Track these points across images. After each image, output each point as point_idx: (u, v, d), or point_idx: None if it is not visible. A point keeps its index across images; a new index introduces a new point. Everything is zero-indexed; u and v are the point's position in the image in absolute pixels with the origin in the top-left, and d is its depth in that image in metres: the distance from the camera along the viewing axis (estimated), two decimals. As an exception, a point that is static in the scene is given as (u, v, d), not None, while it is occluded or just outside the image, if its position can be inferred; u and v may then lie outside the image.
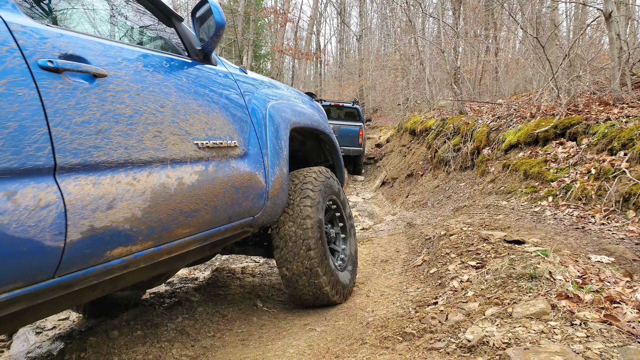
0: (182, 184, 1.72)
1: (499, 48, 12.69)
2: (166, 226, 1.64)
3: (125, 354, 2.36)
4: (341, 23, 27.12)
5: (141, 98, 1.62)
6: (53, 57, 1.35)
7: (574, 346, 1.62)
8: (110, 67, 1.54)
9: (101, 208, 1.38)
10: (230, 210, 2.02)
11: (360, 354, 2.06)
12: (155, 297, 3.57)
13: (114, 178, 1.44)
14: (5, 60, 1.20)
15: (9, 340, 2.92)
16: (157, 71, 1.77)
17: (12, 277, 1.17)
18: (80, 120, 1.37)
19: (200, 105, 1.95)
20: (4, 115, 1.15)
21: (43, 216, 1.21)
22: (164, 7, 2.08)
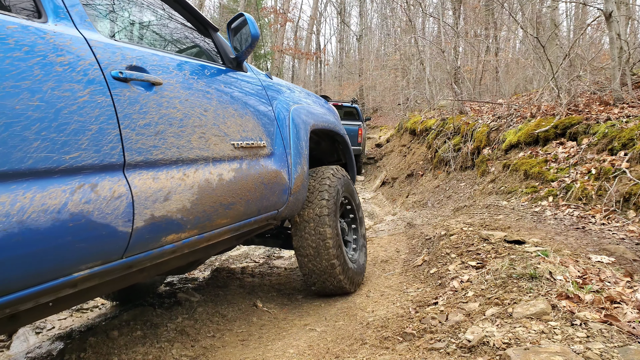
0: (222, 180, 1.94)
1: (499, 48, 12.68)
2: (209, 217, 1.86)
3: (125, 354, 2.36)
4: (341, 23, 27.12)
5: (189, 103, 1.84)
6: (122, 69, 1.57)
7: (575, 346, 1.62)
8: (164, 76, 1.76)
9: (159, 199, 1.59)
10: (259, 204, 2.25)
11: (360, 354, 2.06)
12: (155, 297, 3.57)
13: (169, 174, 1.66)
14: (88, 73, 1.42)
15: (9, 340, 2.92)
16: (200, 78, 2.00)
17: (94, 256, 1.39)
18: (143, 123, 1.58)
19: (236, 109, 2.17)
20: (89, 120, 1.38)
21: (117, 205, 1.42)
22: (202, 19, 2.31)
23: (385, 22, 22.48)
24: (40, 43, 1.32)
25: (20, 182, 1.18)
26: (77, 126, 1.34)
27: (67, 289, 1.41)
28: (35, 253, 1.21)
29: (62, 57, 1.37)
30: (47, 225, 1.22)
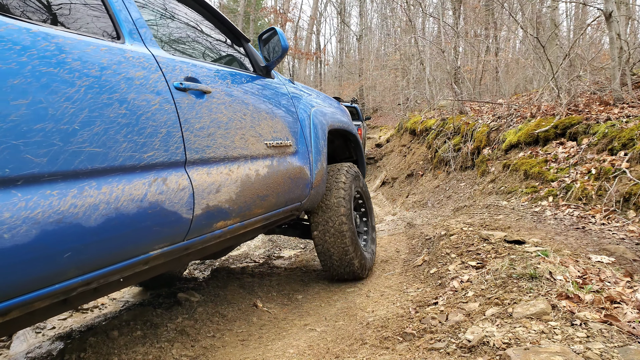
0: (258, 175, 2.22)
1: (499, 48, 12.68)
2: (248, 206, 2.15)
3: (125, 354, 2.36)
4: (341, 23, 27.11)
5: (232, 108, 2.11)
6: (181, 80, 1.83)
7: (575, 346, 1.62)
8: (212, 85, 2.02)
9: (212, 191, 1.86)
10: (286, 196, 2.53)
11: (360, 354, 2.06)
12: (155, 297, 3.57)
13: (218, 169, 1.93)
14: (157, 84, 1.69)
15: (9, 340, 2.92)
16: (239, 86, 2.28)
17: (164, 239, 1.66)
18: (199, 127, 1.85)
19: (267, 113, 2.45)
20: (160, 124, 1.65)
21: (182, 196, 1.68)
22: (236, 31, 2.61)
23: (385, 22, 22.47)
24: (124, 61, 1.59)
25: (115, 176, 1.45)
26: (152, 130, 1.61)
27: (141, 265, 1.64)
28: (125, 234, 1.47)
29: (139, 72, 1.64)
30: (134, 212, 1.48)
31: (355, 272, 3.20)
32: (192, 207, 1.73)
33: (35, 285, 1.26)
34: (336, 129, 3.33)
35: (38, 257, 1.23)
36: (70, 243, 1.30)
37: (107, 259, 1.45)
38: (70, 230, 1.29)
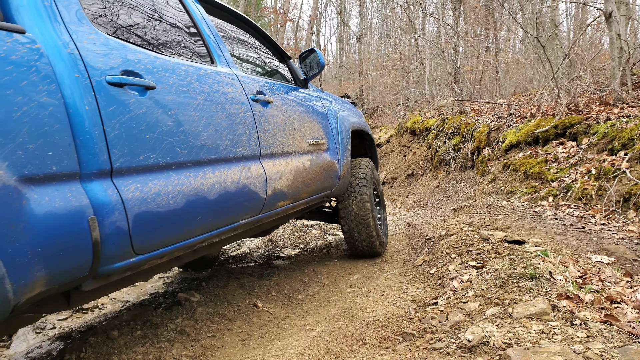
0: (304, 166, 2.80)
1: (499, 48, 12.68)
2: (298, 192, 2.71)
3: (125, 354, 2.36)
4: (341, 23, 27.09)
5: (286, 114, 2.70)
6: (254, 93, 2.40)
7: (575, 346, 1.62)
8: (272, 96, 2.59)
9: (277, 178, 2.42)
10: (322, 185, 3.10)
11: (360, 354, 2.06)
12: (155, 297, 3.57)
13: (279, 162, 2.49)
14: (241, 97, 2.24)
15: (9, 340, 2.92)
16: (289, 96, 2.88)
17: (248, 212, 2.20)
18: (267, 128, 2.41)
19: (308, 117, 3.05)
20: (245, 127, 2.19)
21: (260, 181, 2.23)
22: (282, 51, 3.22)
23: (385, 22, 22.45)
24: (221, 79, 2.14)
25: (222, 164, 2.00)
26: (241, 131, 2.14)
27: (232, 231, 2.17)
28: (229, 206, 2.01)
29: (230, 88, 2.17)
30: (234, 190, 2.02)
31: (375, 249, 3.81)
32: (266, 189, 2.31)
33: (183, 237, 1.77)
34: (356, 129, 3.92)
35: (185, 218, 1.73)
36: (201, 209, 1.80)
37: (218, 223, 1.98)
38: (201, 200, 1.79)
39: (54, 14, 1.40)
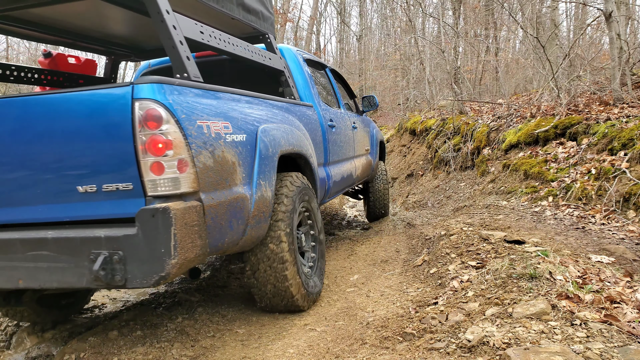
0: (362, 163, 4.89)
1: (499, 48, 12.68)
2: (363, 173, 5.00)
3: (125, 354, 2.36)
4: (341, 23, 27.09)
5: (360, 134, 4.92)
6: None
7: (574, 346, 1.62)
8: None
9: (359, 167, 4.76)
10: (367, 173, 5.18)
11: (360, 354, 2.06)
12: (155, 297, 3.57)
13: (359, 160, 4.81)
14: (349, 125, 4.53)
15: (9, 340, 2.91)
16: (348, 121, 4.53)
17: (353, 181, 4.65)
18: (359, 141, 4.81)
19: (367, 134, 5.27)
20: (352, 143, 4.53)
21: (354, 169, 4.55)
22: (350, 90, 5.30)
23: (385, 22, 22.45)
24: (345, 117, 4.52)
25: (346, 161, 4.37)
26: (352, 145, 4.50)
27: (349, 187, 4.72)
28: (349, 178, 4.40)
29: (348, 121, 4.51)
30: (350, 172, 4.39)
31: (387, 212, 5.98)
32: (356, 172, 4.61)
33: (340, 190, 4.21)
34: (381, 140, 6.01)
35: (340, 187, 4.18)
36: (345, 182, 4.25)
37: (346, 185, 4.39)
38: (343, 177, 4.15)
39: (317, 100, 3.76)
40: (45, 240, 1.83)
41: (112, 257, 1.75)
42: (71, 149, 1.87)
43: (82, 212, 1.92)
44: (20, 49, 15.54)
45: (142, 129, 1.77)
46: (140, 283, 1.76)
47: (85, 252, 1.78)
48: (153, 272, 1.75)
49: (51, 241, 1.82)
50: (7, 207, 1.97)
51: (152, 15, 2.02)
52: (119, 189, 1.86)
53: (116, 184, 1.86)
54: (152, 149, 1.78)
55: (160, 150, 1.78)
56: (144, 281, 1.76)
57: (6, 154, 1.91)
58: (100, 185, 1.88)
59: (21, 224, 1.99)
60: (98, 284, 1.77)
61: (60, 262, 1.82)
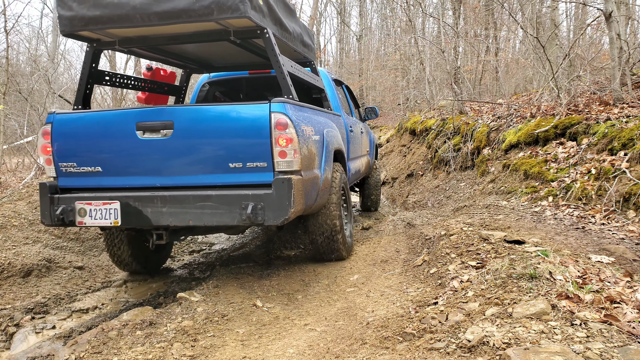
0: (365, 162, 6.03)
1: (499, 48, 12.68)
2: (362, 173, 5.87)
3: (125, 354, 2.36)
4: (341, 23, 27.08)
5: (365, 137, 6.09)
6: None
7: (574, 346, 1.62)
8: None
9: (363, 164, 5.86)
10: (367, 170, 6.23)
11: (360, 354, 2.06)
12: (155, 297, 3.57)
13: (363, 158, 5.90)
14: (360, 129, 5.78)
15: (9, 340, 2.92)
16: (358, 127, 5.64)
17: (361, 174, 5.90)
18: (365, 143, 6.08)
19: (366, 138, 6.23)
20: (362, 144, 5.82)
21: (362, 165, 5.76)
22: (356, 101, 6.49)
23: (385, 22, 22.45)
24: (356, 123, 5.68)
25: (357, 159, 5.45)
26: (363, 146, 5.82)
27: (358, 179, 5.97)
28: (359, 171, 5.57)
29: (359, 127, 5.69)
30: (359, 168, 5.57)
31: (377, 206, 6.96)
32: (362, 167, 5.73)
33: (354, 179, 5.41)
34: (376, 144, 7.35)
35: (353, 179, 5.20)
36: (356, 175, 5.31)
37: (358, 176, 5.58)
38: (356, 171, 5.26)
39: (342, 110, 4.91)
40: (209, 196, 2.98)
41: (257, 206, 2.88)
42: (229, 140, 3.00)
43: (232, 179, 3.03)
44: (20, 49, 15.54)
45: (275, 130, 2.90)
46: (273, 222, 2.89)
47: (238, 203, 2.91)
48: (281, 216, 2.89)
49: (214, 196, 2.97)
50: (184, 175, 3.09)
51: (271, 59, 3.18)
52: (257, 166, 2.97)
53: (256, 163, 2.96)
54: (280, 143, 2.91)
55: (285, 143, 2.92)
56: (275, 221, 2.89)
57: (188, 142, 3.01)
58: (245, 163, 2.98)
59: (192, 186, 3.08)
60: (246, 222, 2.90)
61: (219, 209, 2.95)
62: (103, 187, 3.19)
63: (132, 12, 2.90)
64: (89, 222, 3.11)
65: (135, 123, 3.06)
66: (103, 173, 3.16)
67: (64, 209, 3.10)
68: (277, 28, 3.38)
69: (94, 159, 3.16)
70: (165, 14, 2.89)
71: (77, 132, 3.19)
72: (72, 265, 4.10)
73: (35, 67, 11.45)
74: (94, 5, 2.94)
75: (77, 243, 4.49)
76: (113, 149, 3.13)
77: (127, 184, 3.16)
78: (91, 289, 3.80)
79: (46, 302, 3.40)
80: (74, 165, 3.17)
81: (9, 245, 3.93)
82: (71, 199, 3.13)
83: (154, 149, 3.06)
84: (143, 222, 3.08)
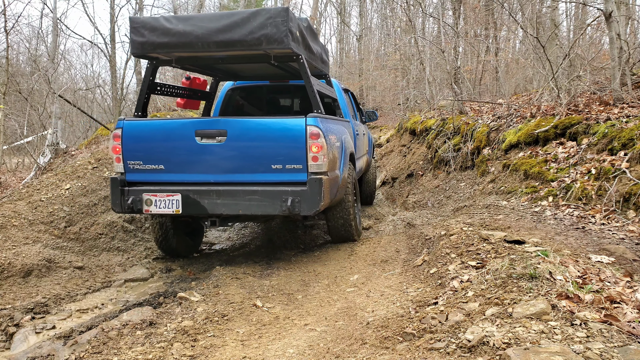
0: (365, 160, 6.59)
1: (499, 48, 12.68)
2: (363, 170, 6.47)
3: (125, 354, 2.36)
4: (341, 23, 27.05)
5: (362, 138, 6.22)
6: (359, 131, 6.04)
7: (574, 346, 1.62)
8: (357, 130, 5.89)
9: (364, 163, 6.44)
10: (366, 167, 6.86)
11: (360, 354, 2.06)
12: (155, 297, 3.57)
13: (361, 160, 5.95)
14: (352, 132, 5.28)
15: (9, 340, 2.92)
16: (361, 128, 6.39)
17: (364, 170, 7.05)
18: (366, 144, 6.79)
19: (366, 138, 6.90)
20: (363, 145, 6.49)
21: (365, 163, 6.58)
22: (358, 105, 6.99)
23: (385, 22, 22.43)
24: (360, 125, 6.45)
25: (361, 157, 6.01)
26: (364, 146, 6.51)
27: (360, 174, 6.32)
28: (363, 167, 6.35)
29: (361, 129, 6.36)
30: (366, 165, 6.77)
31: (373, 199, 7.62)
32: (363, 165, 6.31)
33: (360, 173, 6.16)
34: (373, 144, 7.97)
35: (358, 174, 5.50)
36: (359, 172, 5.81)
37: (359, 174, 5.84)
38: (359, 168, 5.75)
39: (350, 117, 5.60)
40: (256, 191, 3.64)
41: (295, 199, 3.56)
42: (272, 146, 3.66)
43: (274, 178, 3.69)
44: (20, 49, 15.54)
45: (309, 139, 3.58)
46: (307, 213, 3.61)
47: (279, 197, 3.58)
48: (313, 208, 3.59)
49: (259, 191, 3.63)
50: (235, 173, 3.74)
51: (304, 80, 3.89)
52: (294, 167, 3.63)
53: (293, 165, 3.62)
54: (313, 150, 3.59)
55: (317, 150, 3.60)
56: (309, 212, 3.60)
57: (239, 147, 3.67)
58: (285, 165, 3.64)
59: (241, 182, 3.72)
60: (285, 212, 3.57)
61: (264, 202, 3.61)
62: (165, 182, 3.81)
63: (195, 41, 3.55)
64: (154, 211, 3.74)
65: (194, 130, 3.71)
66: (165, 170, 3.79)
67: (133, 199, 3.72)
68: (307, 52, 4.00)
69: (158, 159, 3.79)
70: (223, 43, 3.55)
71: (143, 136, 3.83)
72: (72, 265, 4.10)
73: (35, 67, 11.45)
74: (163, 34, 3.60)
75: (77, 243, 4.48)
76: (175, 151, 3.78)
77: (186, 180, 3.78)
78: (91, 289, 3.80)
79: (46, 302, 3.40)
80: (140, 164, 3.80)
81: (9, 245, 3.93)
82: (139, 191, 3.74)
83: (210, 152, 3.71)
84: (200, 211, 3.73)
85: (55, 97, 9.07)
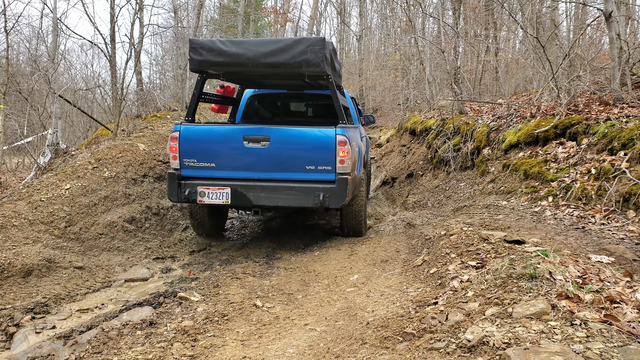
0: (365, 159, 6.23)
1: (499, 48, 12.68)
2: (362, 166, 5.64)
3: (125, 354, 2.36)
4: (341, 23, 27.06)
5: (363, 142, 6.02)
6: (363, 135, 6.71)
7: (574, 346, 1.62)
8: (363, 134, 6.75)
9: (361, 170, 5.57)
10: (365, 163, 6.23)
11: (360, 354, 2.06)
12: (155, 297, 3.57)
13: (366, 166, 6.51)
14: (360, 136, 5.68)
15: (9, 340, 2.92)
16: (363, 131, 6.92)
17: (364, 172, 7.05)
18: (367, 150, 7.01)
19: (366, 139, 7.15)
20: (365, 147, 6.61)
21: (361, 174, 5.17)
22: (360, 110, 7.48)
23: (385, 22, 22.43)
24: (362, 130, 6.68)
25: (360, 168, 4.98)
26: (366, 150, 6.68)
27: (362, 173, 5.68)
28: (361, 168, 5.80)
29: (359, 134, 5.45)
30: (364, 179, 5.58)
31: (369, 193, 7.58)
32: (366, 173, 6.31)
33: None
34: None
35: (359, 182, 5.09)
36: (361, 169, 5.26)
37: None
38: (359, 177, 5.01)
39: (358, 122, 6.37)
40: (293, 187, 4.30)
41: (325, 195, 4.23)
42: (307, 150, 4.33)
43: (308, 177, 4.34)
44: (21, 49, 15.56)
45: (338, 146, 4.24)
46: (335, 206, 4.28)
47: (312, 192, 4.26)
48: (340, 202, 4.25)
49: (296, 187, 4.30)
50: (275, 172, 4.37)
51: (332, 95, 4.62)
52: (325, 168, 4.29)
53: (324, 167, 4.28)
54: (340, 154, 4.25)
55: (343, 154, 4.25)
56: (336, 205, 4.28)
57: (279, 150, 4.32)
58: (317, 166, 4.31)
59: (281, 179, 4.37)
60: (317, 205, 4.24)
61: (299, 196, 4.29)
62: (215, 177, 4.45)
63: (246, 61, 4.25)
64: (207, 201, 4.38)
65: (242, 135, 4.37)
66: (216, 167, 4.44)
67: (189, 191, 4.37)
68: (332, 71, 4.59)
69: (210, 158, 4.43)
70: (269, 65, 4.24)
71: (198, 138, 4.46)
72: (72, 265, 4.10)
73: (35, 67, 11.44)
74: (219, 54, 4.27)
75: (77, 243, 4.48)
76: (225, 152, 4.43)
77: (233, 176, 4.44)
78: (91, 289, 3.80)
79: (46, 302, 3.40)
80: (195, 161, 4.44)
81: (9, 245, 3.93)
82: (195, 184, 4.39)
83: (255, 154, 4.37)
84: (246, 202, 4.38)
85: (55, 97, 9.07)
